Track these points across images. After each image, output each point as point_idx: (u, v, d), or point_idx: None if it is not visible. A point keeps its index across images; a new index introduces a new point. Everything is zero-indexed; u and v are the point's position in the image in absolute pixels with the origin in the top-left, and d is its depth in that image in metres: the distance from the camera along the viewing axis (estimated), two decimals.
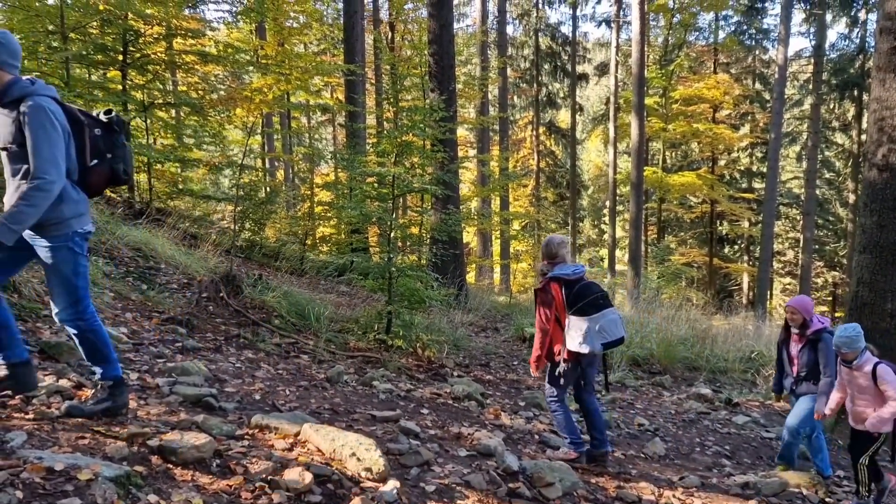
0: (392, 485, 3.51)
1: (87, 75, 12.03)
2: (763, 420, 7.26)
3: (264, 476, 3.30)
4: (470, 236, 26.80)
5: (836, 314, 25.59)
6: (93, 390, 3.63)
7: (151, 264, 7.78)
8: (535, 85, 31.45)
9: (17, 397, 3.52)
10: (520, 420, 5.68)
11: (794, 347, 5.42)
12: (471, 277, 19.33)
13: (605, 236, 32.47)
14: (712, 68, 29.80)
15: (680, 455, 5.78)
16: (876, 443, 4.57)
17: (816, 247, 29.82)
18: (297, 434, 3.89)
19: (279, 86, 8.42)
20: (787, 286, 34.78)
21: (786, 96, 26.00)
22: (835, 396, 4.86)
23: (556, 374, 4.72)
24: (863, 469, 4.61)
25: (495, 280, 22.20)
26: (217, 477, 3.22)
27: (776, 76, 22.38)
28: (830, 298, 32.79)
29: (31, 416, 3.34)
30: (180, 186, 13.60)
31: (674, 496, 4.54)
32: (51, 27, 9.43)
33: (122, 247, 7.75)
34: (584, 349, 4.50)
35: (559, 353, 4.68)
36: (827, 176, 33.18)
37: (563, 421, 4.81)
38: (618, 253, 28.02)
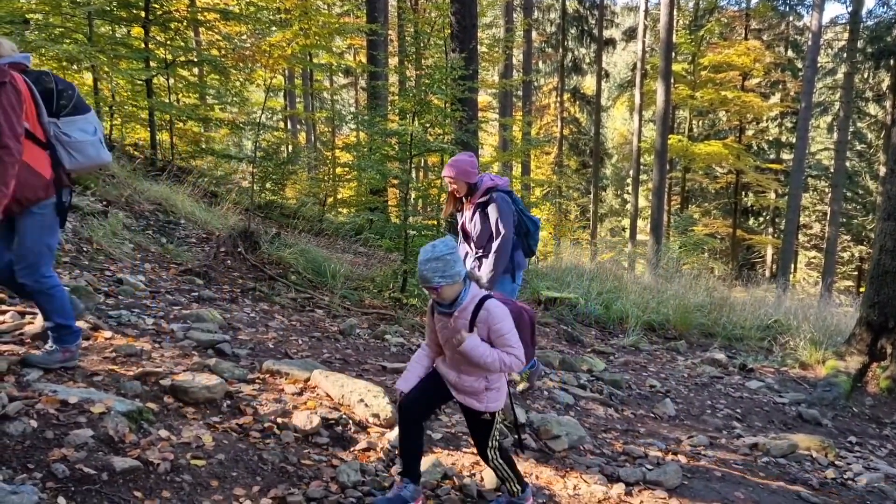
0: None
1: (111, 32, 12.06)
2: (777, 386, 7.21)
3: (273, 417, 3.38)
4: None
5: (861, 289, 25.20)
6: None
7: (171, 219, 7.88)
8: (560, 49, 30.87)
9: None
10: None
11: (466, 216, 4.40)
12: None
13: (628, 206, 32.13)
14: (743, 34, 29.02)
15: (690, 416, 5.78)
16: (493, 425, 2.98)
17: (844, 220, 29.20)
18: (307, 380, 3.96)
19: (298, 41, 8.35)
20: (812, 259, 34.29)
21: (819, 64, 25.27)
22: (422, 363, 3.06)
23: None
24: (496, 463, 3.02)
25: None
26: (227, 417, 3.30)
27: (809, 43, 21.72)
28: (856, 273, 32.28)
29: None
30: (202, 146, 13.68)
31: (681, 454, 4.56)
32: None
33: (142, 201, 7.85)
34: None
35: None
36: (858, 147, 32.39)
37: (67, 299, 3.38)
38: (640, 223, 27.69)
